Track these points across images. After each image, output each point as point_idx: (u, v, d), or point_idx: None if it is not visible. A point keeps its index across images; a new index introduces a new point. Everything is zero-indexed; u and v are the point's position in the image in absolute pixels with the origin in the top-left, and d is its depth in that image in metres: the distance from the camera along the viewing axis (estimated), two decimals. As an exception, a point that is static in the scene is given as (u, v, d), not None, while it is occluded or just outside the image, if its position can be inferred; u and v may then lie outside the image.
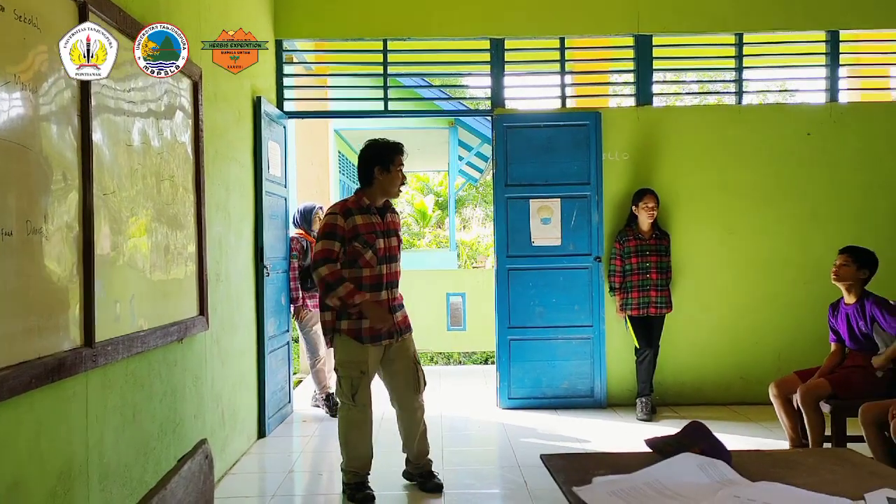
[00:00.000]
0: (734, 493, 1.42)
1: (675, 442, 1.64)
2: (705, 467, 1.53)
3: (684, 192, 5.83)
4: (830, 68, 5.90)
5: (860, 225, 5.68)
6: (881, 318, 4.04)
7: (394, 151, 3.70)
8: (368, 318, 3.60)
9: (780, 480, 1.52)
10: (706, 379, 5.82)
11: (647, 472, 1.51)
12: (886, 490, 1.41)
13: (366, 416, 3.74)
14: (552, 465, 1.63)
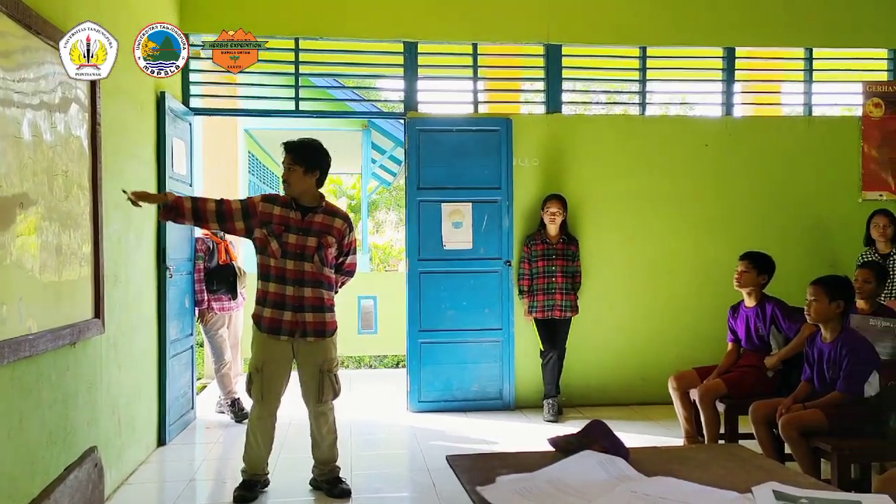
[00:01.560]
0: (631, 488, 1.46)
1: (577, 440, 1.68)
2: (604, 464, 1.57)
3: (592, 198, 6.00)
4: (726, 83, 6.20)
5: (752, 231, 5.97)
6: (781, 320, 4.26)
7: (284, 149, 3.77)
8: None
9: (674, 475, 1.58)
10: (610, 380, 6.00)
11: (549, 471, 1.54)
12: (772, 483, 1.48)
13: (262, 414, 3.74)
14: (457, 465, 1.63)
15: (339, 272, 3.91)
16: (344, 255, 3.89)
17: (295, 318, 3.68)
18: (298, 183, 3.73)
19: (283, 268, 3.68)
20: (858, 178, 6.23)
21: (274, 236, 3.68)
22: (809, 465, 3.44)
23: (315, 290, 3.72)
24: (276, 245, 3.67)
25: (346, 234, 3.84)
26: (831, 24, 6.21)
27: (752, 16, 6.12)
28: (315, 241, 3.70)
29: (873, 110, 6.24)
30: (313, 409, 3.80)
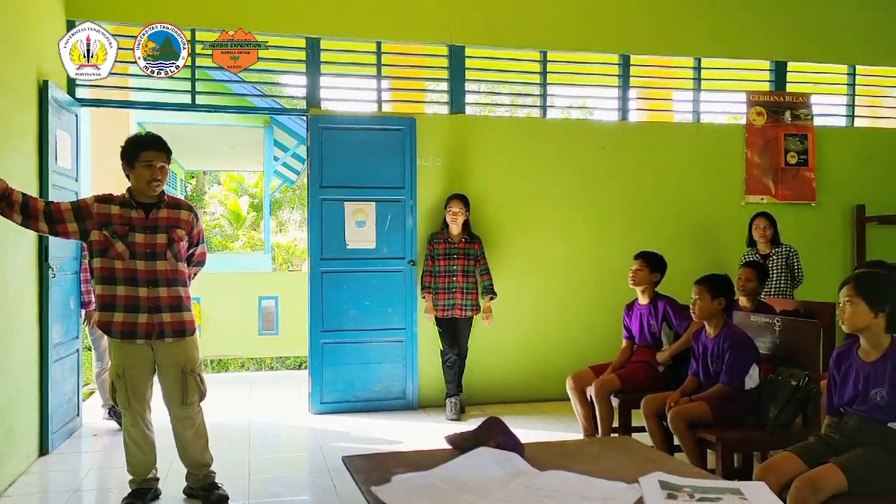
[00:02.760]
0: (524, 483, 1.49)
1: (473, 437, 1.69)
2: (499, 460, 1.59)
3: (495, 198, 6.08)
4: (622, 89, 6.43)
5: (646, 231, 6.21)
6: (672, 317, 4.44)
7: (138, 147, 3.58)
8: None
9: (566, 469, 1.62)
10: (511, 378, 6.09)
11: (445, 468, 1.54)
12: (658, 473, 1.54)
13: (133, 421, 3.60)
14: (353, 466, 1.61)
15: (189, 264, 3.79)
16: (194, 245, 3.77)
17: (151, 320, 3.51)
18: (165, 179, 3.64)
19: (132, 269, 3.49)
20: (742, 182, 6.59)
21: (118, 237, 3.49)
22: (696, 455, 3.60)
23: (171, 289, 3.57)
24: (122, 246, 3.48)
25: (194, 225, 3.72)
26: (718, 36, 6.54)
27: (645, 26, 6.37)
28: (165, 238, 3.56)
29: (756, 118, 6.62)
30: (178, 413, 3.64)
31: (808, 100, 6.72)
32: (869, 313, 2.64)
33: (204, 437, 3.74)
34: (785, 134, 6.61)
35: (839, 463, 2.55)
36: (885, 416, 2.62)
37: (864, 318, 2.65)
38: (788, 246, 5.71)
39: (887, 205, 6.56)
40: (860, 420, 2.70)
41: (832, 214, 6.73)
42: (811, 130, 6.67)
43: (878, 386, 2.64)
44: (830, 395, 2.85)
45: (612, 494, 1.43)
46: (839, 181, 6.72)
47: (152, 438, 3.69)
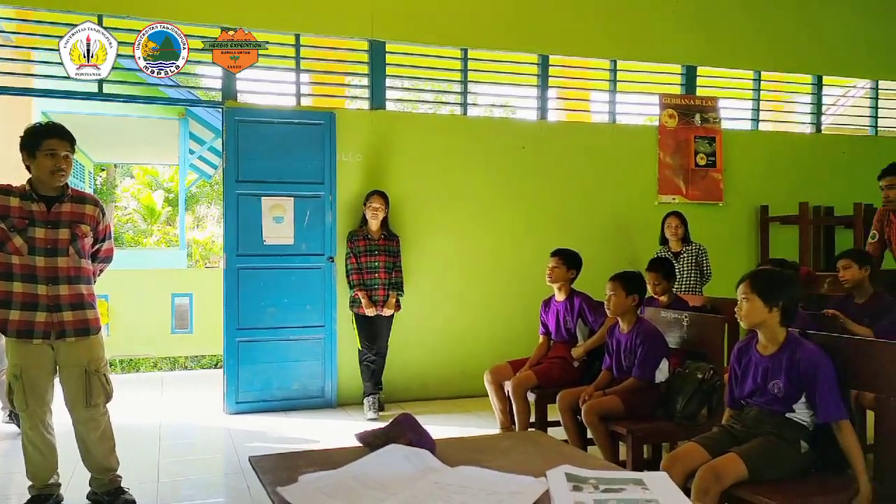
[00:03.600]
0: (434, 479, 1.49)
1: (384, 435, 1.68)
2: (410, 457, 1.58)
3: (416, 195, 6.08)
4: (541, 89, 6.53)
5: (564, 229, 6.33)
6: (588, 313, 4.54)
7: (40, 135, 3.41)
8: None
9: (477, 464, 1.62)
10: (432, 374, 6.11)
11: (354, 466, 1.53)
12: (565, 466, 1.57)
13: (32, 424, 3.43)
14: (260, 466, 1.57)
15: (94, 260, 3.64)
16: (100, 241, 3.62)
17: (50, 319, 3.35)
18: (70, 170, 3.47)
19: (31, 265, 3.33)
20: (655, 182, 6.80)
21: (16, 231, 3.31)
22: (608, 447, 3.70)
23: (73, 286, 3.41)
24: (20, 241, 3.31)
25: (100, 220, 3.57)
26: (633, 39, 6.73)
27: (564, 27, 6.49)
28: (67, 233, 3.41)
29: (668, 121, 6.85)
30: (81, 415, 3.48)
31: (716, 103, 7.00)
32: (764, 309, 2.75)
33: (110, 441, 3.59)
34: (695, 136, 6.87)
35: (740, 452, 2.65)
36: (782, 406, 2.75)
37: (760, 313, 2.76)
38: (698, 244, 5.93)
39: (788, 206, 6.90)
40: (759, 411, 2.82)
41: (738, 214, 7.03)
42: (719, 133, 6.95)
43: (776, 378, 2.77)
44: (732, 388, 2.97)
45: (520, 488, 1.44)
46: (745, 182, 7.03)
47: (53, 442, 3.51)
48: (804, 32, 7.22)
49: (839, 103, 8.11)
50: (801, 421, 2.73)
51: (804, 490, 2.58)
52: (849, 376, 2.75)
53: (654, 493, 1.44)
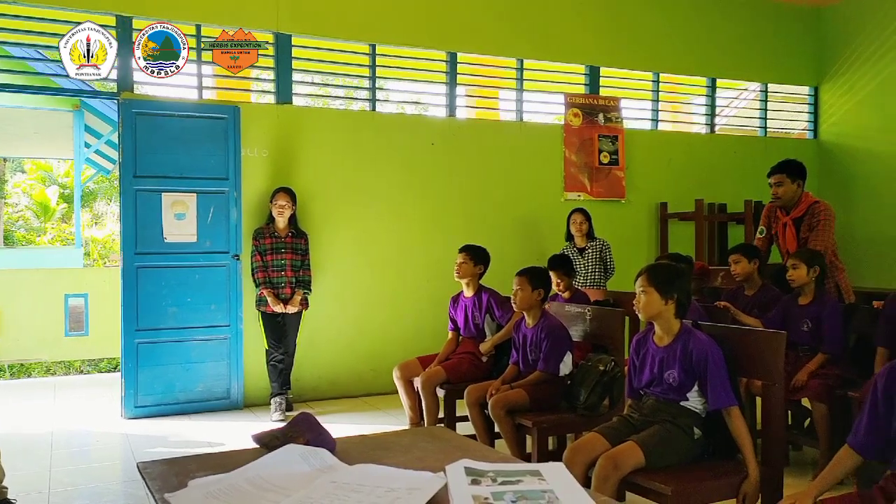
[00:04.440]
0: (331, 478, 1.47)
1: (282, 435, 1.65)
2: (307, 457, 1.55)
3: (324, 192, 6.00)
4: (450, 86, 6.56)
5: (474, 225, 6.39)
6: (496, 308, 4.58)
7: None
8: None
9: (377, 461, 1.61)
10: (341, 373, 6.05)
11: (249, 468, 1.49)
12: (465, 460, 1.57)
13: None
14: (149, 472, 1.51)
15: None
16: None
17: None
18: None
19: None
20: (561, 179, 6.96)
21: None
22: (514, 440, 3.75)
23: None
24: None
25: None
26: (539, 39, 6.85)
27: (471, 25, 6.55)
28: None
29: (573, 119, 7.01)
30: None
31: (618, 103, 7.22)
32: (660, 301, 2.85)
33: None
34: (598, 135, 7.06)
35: (638, 440, 2.74)
36: (676, 395, 2.86)
37: (657, 305, 2.86)
38: (602, 240, 6.10)
39: (685, 203, 7.20)
40: (656, 400, 2.92)
41: (639, 211, 7.28)
42: (621, 132, 7.17)
43: (671, 368, 2.87)
44: (631, 379, 3.07)
45: (418, 484, 1.44)
46: (645, 180, 7.28)
47: None
48: (699, 37, 7.53)
49: (732, 105, 8.52)
50: (694, 409, 2.84)
51: (697, 475, 2.69)
52: (738, 365, 2.88)
53: (550, 484, 1.46)
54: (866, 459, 2.21)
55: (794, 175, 4.70)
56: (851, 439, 2.24)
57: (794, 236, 4.71)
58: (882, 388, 2.18)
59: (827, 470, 2.26)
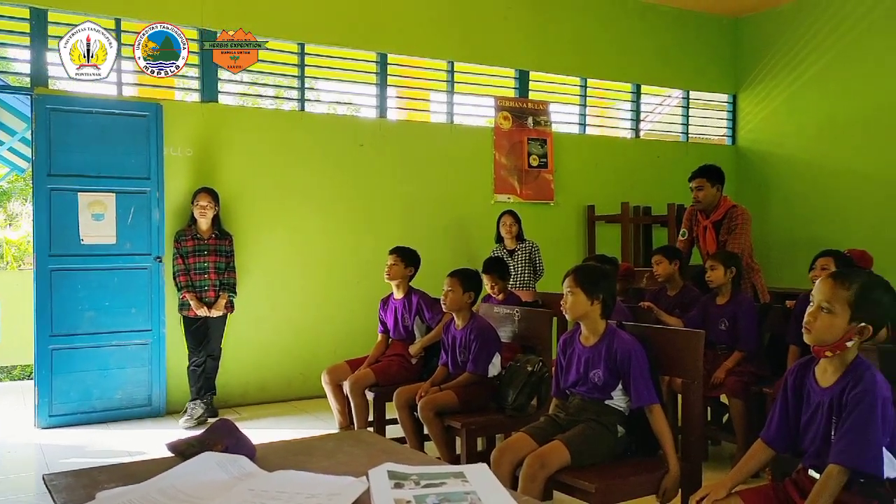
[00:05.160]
0: (249, 486, 1.43)
1: (198, 443, 1.59)
2: (224, 464, 1.51)
3: (252, 192, 5.88)
4: (380, 87, 6.53)
5: (405, 227, 6.37)
6: (426, 310, 4.57)
7: None
8: None
9: (299, 467, 1.58)
10: (270, 377, 5.94)
11: (162, 478, 1.43)
12: (388, 464, 1.55)
13: None
14: (54, 485, 1.43)
15: None
16: None
17: None
18: None
19: None
20: (492, 182, 7.01)
21: None
22: (443, 442, 3.75)
23: None
24: None
25: None
26: (469, 42, 6.89)
27: (402, 26, 6.53)
28: None
29: (503, 122, 7.08)
30: None
31: (547, 107, 7.32)
32: (587, 301, 2.90)
33: None
34: (528, 138, 7.14)
35: (563, 439, 2.78)
36: (601, 394, 2.91)
37: (583, 306, 2.91)
38: (531, 242, 6.17)
39: (611, 205, 7.36)
40: (582, 399, 2.97)
41: (568, 213, 7.40)
42: (550, 136, 7.28)
43: (596, 368, 2.92)
44: (557, 379, 3.11)
45: (339, 489, 1.41)
46: (573, 183, 7.41)
47: None
48: (625, 44, 7.72)
49: (656, 111, 8.76)
50: (617, 407, 2.90)
51: (620, 472, 2.75)
52: (659, 363, 2.95)
53: (473, 485, 1.46)
54: (778, 453, 2.30)
55: (714, 179, 4.87)
56: (764, 433, 2.32)
57: (714, 239, 4.87)
58: (792, 385, 2.26)
59: (741, 463, 2.34)
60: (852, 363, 2.12)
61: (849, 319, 2.07)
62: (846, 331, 2.08)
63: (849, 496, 2.06)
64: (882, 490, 2.05)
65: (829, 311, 2.09)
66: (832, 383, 2.13)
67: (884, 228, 6.91)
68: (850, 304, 2.07)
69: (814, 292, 2.16)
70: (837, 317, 2.08)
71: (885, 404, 2.03)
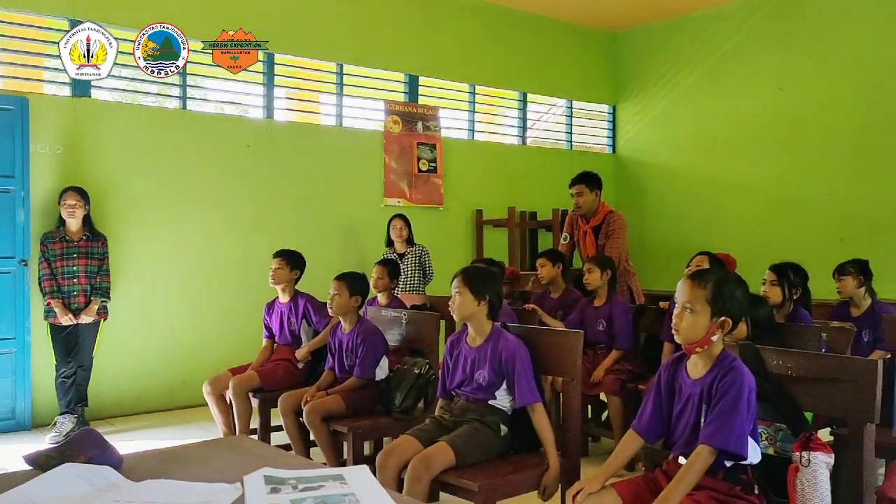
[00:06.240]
0: (114, 497, 1.36)
1: (59, 453, 1.50)
2: (87, 476, 1.43)
3: (129, 192, 5.61)
4: (268, 87, 6.39)
5: (293, 230, 6.24)
6: (312, 314, 4.49)
7: None
8: None
9: (170, 476, 1.52)
10: (149, 385, 5.68)
11: (17, 492, 1.34)
12: (265, 469, 1.52)
13: None
14: None
15: None
16: None
17: None
18: None
19: None
20: (381, 185, 7.01)
21: None
22: (330, 447, 3.71)
23: None
24: None
25: None
26: (359, 46, 6.86)
27: (290, 26, 6.42)
28: None
29: (393, 126, 7.09)
30: None
31: (437, 112, 7.40)
32: (474, 302, 2.95)
33: None
34: (418, 142, 7.19)
35: (448, 440, 2.81)
36: (485, 394, 2.96)
37: (470, 306, 2.96)
38: (421, 246, 6.21)
39: (499, 210, 7.52)
40: (466, 400, 3.01)
41: (457, 217, 7.50)
42: (440, 141, 7.36)
43: (481, 368, 2.97)
44: (444, 380, 3.14)
45: (211, 497, 1.37)
46: (462, 188, 7.52)
47: None
48: (512, 53, 7.91)
49: (542, 119, 9.02)
50: (501, 407, 2.96)
51: (503, 470, 2.80)
52: (542, 363, 3.03)
53: (352, 487, 1.45)
54: (648, 443, 2.42)
55: (592, 185, 5.07)
56: (636, 424, 2.44)
57: (594, 243, 5.07)
58: (665, 379, 2.39)
59: (613, 455, 2.44)
60: (719, 356, 2.26)
61: (710, 315, 2.21)
62: (709, 326, 2.21)
63: (714, 482, 2.19)
64: (745, 476, 2.20)
65: (692, 311, 2.22)
66: (702, 375, 2.27)
67: (748, 233, 7.41)
68: (708, 302, 2.22)
69: (676, 295, 2.29)
70: (700, 315, 2.22)
71: (750, 393, 2.18)
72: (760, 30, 7.47)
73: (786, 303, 3.88)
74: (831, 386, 2.26)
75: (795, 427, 2.30)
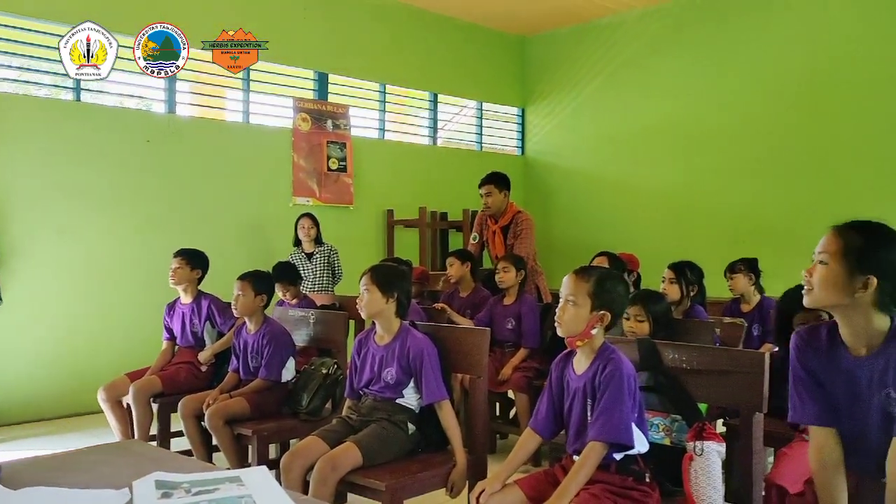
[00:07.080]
0: (-12, 508, 1.27)
1: (-75, 464, 1.39)
2: (-42, 487, 1.33)
3: (17, 189, 5.32)
4: (169, 81, 6.16)
5: (196, 229, 6.04)
6: (216, 315, 4.35)
7: None
8: None
9: (54, 483, 1.43)
10: (38, 392, 5.37)
11: None
12: (157, 473, 1.46)
13: None
14: None
15: None
16: None
17: None
18: None
19: None
20: (290, 184, 6.88)
21: None
22: (233, 451, 3.59)
23: None
24: None
25: None
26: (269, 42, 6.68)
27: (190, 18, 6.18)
28: None
29: (302, 124, 6.97)
30: None
31: (346, 111, 7.33)
32: (382, 299, 2.94)
33: None
34: (327, 141, 7.10)
35: (355, 440, 2.77)
36: (392, 393, 2.95)
37: (378, 304, 2.94)
38: (330, 245, 6.13)
39: (410, 210, 7.52)
40: (374, 399, 2.98)
41: (367, 217, 7.45)
42: (349, 139, 7.29)
43: (389, 366, 2.96)
44: (352, 379, 3.10)
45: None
46: (373, 187, 7.48)
47: None
48: (422, 54, 7.94)
49: (454, 120, 9.08)
50: (408, 405, 2.95)
51: (410, 468, 2.79)
52: (450, 361, 3.04)
53: (249, 489, 1.41)
54: (545, 439, 2.47)
55: (501, 186, 5.14)
56: (532, 422, 2.49)
57: (503, 243, 5.14)
58: (556, 376, 2.45)
59: (512, 453, 2.47)
60: (600, 349, 2.33)
61: (590, 309, 2.28)
62: (589, 320, 2.28)
63: (608, 476, 2.25)
64: (636, 467, 2.27)
65: (574, 304, 2.29)
66: (585, 369, 2.33)
67: (649, 234, 7.69)
68: (589, 295, 2.28)
69: (561, 289, 2.35)
70: (581, 308, 2.28)
71: (631, 381, 2.25)
72: (659, 38, 7.77)
73: (683, 299, 4.05)
74: (723, 377, 2.37)
75: (690, 418, 2.39)
